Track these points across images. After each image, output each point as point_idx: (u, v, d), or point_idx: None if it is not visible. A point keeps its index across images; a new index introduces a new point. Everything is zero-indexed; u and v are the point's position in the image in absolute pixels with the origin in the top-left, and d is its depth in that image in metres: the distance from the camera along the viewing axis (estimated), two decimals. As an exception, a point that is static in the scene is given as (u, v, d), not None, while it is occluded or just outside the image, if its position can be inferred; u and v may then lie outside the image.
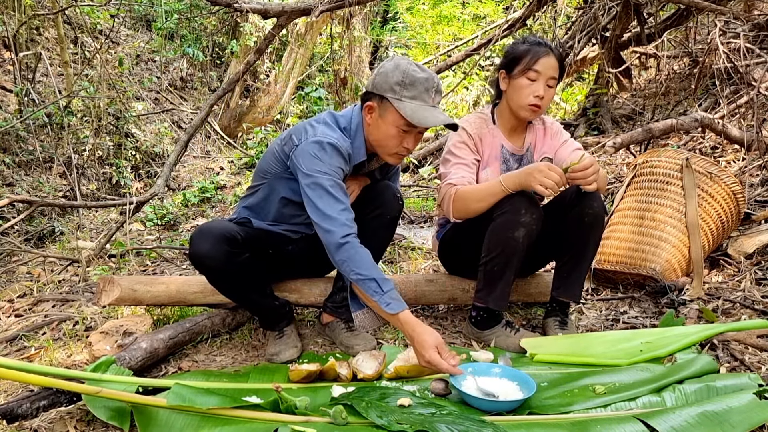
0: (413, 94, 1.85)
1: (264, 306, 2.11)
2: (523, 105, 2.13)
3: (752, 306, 2.30)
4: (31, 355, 2.20)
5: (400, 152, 1.96)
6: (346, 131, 1.98)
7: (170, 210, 5.04)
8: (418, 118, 1.83)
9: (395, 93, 1.85)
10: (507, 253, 2.03)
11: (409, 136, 1.91)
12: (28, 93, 5.52)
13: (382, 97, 1.88)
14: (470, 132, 2.20)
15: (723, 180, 2.67)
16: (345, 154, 1.92)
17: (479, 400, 1.65)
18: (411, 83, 1.84)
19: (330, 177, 1.87)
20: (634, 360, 1.92)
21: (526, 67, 2.10)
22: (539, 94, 2.10)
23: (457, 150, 2.19)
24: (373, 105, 1.92)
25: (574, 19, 5.53)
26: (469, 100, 7.82)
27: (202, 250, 1.87)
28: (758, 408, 1.54)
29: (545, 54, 2.10)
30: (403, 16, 10.78)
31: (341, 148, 1.91)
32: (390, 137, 1.91)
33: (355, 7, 4.83)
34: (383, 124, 1.90)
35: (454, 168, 2.16)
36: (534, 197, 2.04)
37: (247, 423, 1.55)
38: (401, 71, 1.86)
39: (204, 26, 8.49)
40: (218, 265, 1.89)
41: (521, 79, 2.11)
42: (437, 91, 1.89)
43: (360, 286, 1.83)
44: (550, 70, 2.10)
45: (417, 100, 1.85)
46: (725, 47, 3.63)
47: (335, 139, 1.91)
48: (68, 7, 6.01)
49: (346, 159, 1.94)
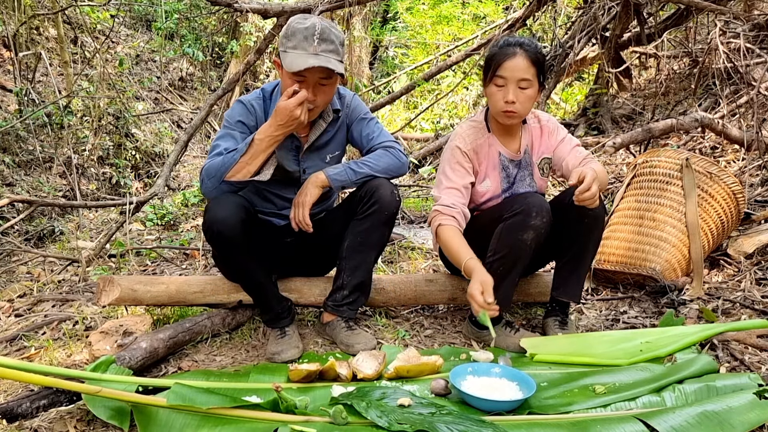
0: (294, 43, 1.90)
1: (269, 293, 2.12)
2: (497, 112, 2.11)
3: (752, 306, 2.30)
4: (31, 355, 2.20)
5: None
6: (265, 90, 2.12)
7: (170, 210, 5.03)
8: (288, 64, 1.89)
9: (283, 45, 1.94)
10: (514, 255, 2.02)
11: (305, 86, 1.92)
12: (28, 93, 5.52)
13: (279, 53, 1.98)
14: (465, 150, 2.17)
15: (723, 180, 2.67)
16: (248, 105, 2.06)
17: (479, 400, 1.65)
18: (292, 33, 1.91)
19: (223, 129, 2.04)
20: (634, 360, 1.92)
21: (492, 73, 2.06)
22: (508, 99, 2.04)
23: (451, 172, 2.17)
24: (278, 60, 2.00)
25: (574, 19, 5.53)
26: (469, 100, 7.82)
27: (219, 215, 1.89)
28: (758, 408, 1.54)
29: (510, 56, 2.02)
30: (403, 16, 10.77)
31: (244, 101, 2.07)
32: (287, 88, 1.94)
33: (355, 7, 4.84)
34: (282, 77, 1.99)
35: (444, 192, 2.15)
36: (545, 201, 2.04)
37: (247, 423, 1.55)
38: (287, 25, 1.95)
39: (204, 26, 8.49)
40: (234, 234, 1.90)
41: (491, 86, 2.09)
42: (322, 39, 1.89)
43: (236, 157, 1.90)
44: (517, 72, 2.02)
45: (297, 49, 1.89)
46: (725, 47, 3.63)
47: (245, 96, 2.10)
48: (68, 7, 6.01)
49: (250, 111, 2.06)
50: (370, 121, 2.20)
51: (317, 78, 1.92)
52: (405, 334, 2.28)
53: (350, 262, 2.14)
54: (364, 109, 2.20)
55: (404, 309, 2.53)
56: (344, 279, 2.16)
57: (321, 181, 2.06)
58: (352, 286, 2.16)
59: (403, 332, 2.29)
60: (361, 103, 2.21)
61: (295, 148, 2.12)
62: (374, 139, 2.17)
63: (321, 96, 1.98)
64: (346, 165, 2.11)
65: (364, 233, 2.11)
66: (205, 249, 3.66)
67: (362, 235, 2.11)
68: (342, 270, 2.16)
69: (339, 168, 2.09)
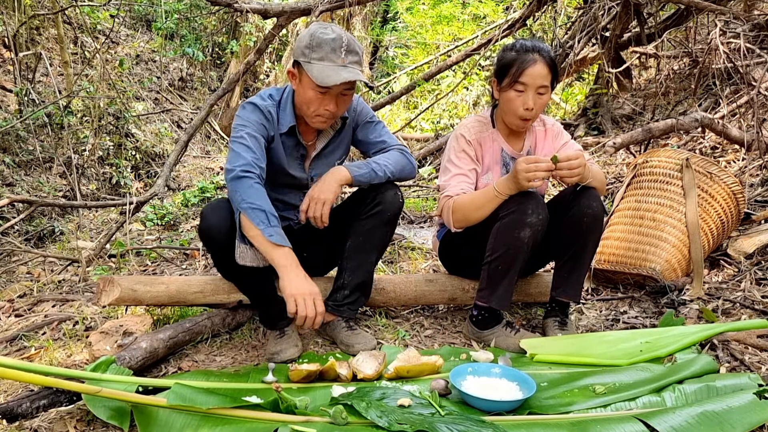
0: (320, 55, 1.86)
1: (267, 295, 2.10)
2: (515, 117, 2.12)
3: (752, 306, 2.30)
4: (31, 355, 2.20)
5: (322, 114, 1.95)
6: (273, 98, 2.05)
7: (170, 210, 5.03)
8: (321, 78, 1.84)
9: (305, 56, 1.88)
10: (512, 253, 2.03)
11: (328, 98, 1.90)
12: (28, 93, 5.52)
13: (298, 63, 1.92)
14: (469, 138, 2.19)
15: (723, 180, 2.67)
16: (265, 111, 1.98)
17: (479, 400, 1.65)
18: (318, 44, 1.86)
19: (245, 127, 1.94)
20: (634, 360, 1.92)
21: (512, 79, 2.06)
22: (528, 106, 2.07)
23: (457, 159, 2.18)
24: (293, 71, 1.96)
25: (574, 19, 5.53)
26: (469, 100, 7.82)
27: (212, 222, 1.90)
28: (758, 408, 1.54)
29: (531, 63, 2.04)
30: (403, 16, 10.76)
31: (260, 106, 1.98)
32: (309, 100, 1.92)
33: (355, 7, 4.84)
34: (302, 88, 1.94)
35: (453, 179, 2.16)
36: (541, 198, 2.04)
37: (247, 423, 1.55)
38: (310, 34, 1.89)
39: (204, 26, 8.49)
40: (226, 240, 1.90)
41: (509, 91, 2.09)
42: (348, 50, 1.87)
43: (248, 215, 1.82)
44: (538, 79, 2.05)
45: (325, 61, 1.86)
46: (725, 47, 3.63)
47: (257, 100, 2.00)
48: (68, 7, 6.00)
49: (267, 117, 1.99)
50: (377, 125, 2.20)
51: (341, 89, 1.91)
52: (405, 334, 2.28)
53: (351, 261, 2.14)
54: (370, 112, 2.20)
55: (404, 309, 2.53)
56: (345, 278, 2.16)
57: (344, 178, 2.03)
58: (353, 286, 2.16)
59: (403, 332, 2.29)
60: (366, 106, 2.20)
61: (300, 156, 2.11)
62: (384, 142, 2.18)
63: (342, 106, 1.98)
64: (368, 165, 2.07)
65: (367, 233, 2.10)
66: (204, 249, 3.67)
67: (365, 235, 2.11)
68: (343, 270, 2.16)
69: (362, 167, 2.06)
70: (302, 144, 2.09)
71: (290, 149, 2.08)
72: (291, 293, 1.80)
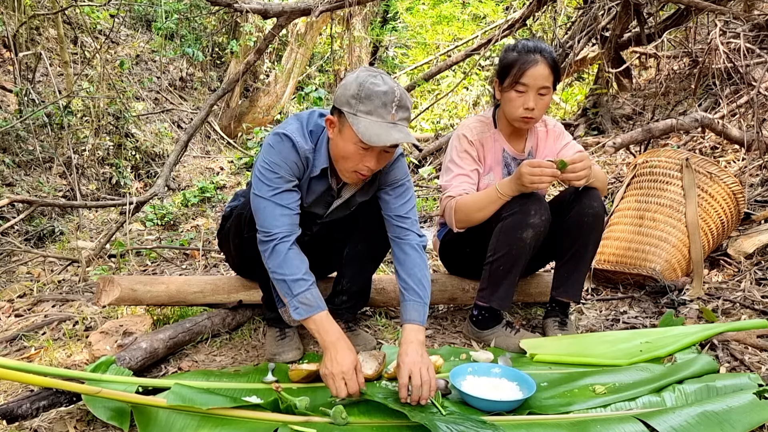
0: (369, 108, 1.63)
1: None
2: (515, 117, 2.13)
3: (752, 306, 2.30)
4: (31, 355, 2.20)
5: (359, 171, 1.74)
6: (313, 135, 1.84)
7: (170, 210, 5.04)
8: (368, 136, 1.61)
9: (351, 107, 1.65)
10: (514, 254, 2.03)
11: (370, 154, 1.70)
12: (28, 93, 5.51)
13: (341, 112, 1.68)
14: (471, 139, 2.19)
15: (723, 180, 2.67)
16: (302, 155, 1.80)
17: (479, 400, 1.65)
18: (367, 96, 1.63)
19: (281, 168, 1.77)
20: (634, 360, 1.93)
21: (514, 80, 2.07)
22: (529, 106, 2.07)
23: (459, 159, 2.18)
24: (333, 119, 1.73)
25: (574, 19, 5.53)
26: (469, 100, 7.82)
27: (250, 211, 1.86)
28: (758, 408, 1.54)
29: (533, 64, 2.03)
30: (403, 16, 10.77)
31: (299, 147, 1.79)
32: (349, 154, 1.71)
33: (355, 7, 4.84)
34: (341, 140, 1.71)
35: (455, 180, 2.16)
36: (544, 200, 2.04)
37: (247, 423, 1.55)
38: (358, 83, 1.65)
39: (204, 26, 8.48)
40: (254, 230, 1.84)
41: (511, 92, 2.09)
42: (399, 106, 1.65)
43: (275, 284, 1.78)
44: (540, 80, 2.05)
45: (373, 116, 1.63)
46: (725, 47, 3.63)
47: (297, 137, 1.80)
48: (68, 7, 6.00)
49: (304, 162, 1.82)
50: (407, 191, 1.96)
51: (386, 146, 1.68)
52: (405, 334, 2.28)
53: (351, 269, 2.14)
54: (403, 170, 1.96)
55: (404, 309, 2.52)
56: (344, 285, 2.15)
57: (424, 337, 1.80)
58: (351, 293, 2.16)
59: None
60: (402, 161, 1.97)
61: (326, 203, 1.97)
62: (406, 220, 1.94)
63: (382, 163, 1.78)
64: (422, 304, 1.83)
65: (367, 242, 2.09)
66: (204, 249, 3.67)
67: (364, 243, 2.10)
68: (342, 276, 2.16)
69: (420, 311, 1.82)
70: (332, 189, 1.92)
71: (318, 194, 1.92)
72: (323, 372, 1.66)
